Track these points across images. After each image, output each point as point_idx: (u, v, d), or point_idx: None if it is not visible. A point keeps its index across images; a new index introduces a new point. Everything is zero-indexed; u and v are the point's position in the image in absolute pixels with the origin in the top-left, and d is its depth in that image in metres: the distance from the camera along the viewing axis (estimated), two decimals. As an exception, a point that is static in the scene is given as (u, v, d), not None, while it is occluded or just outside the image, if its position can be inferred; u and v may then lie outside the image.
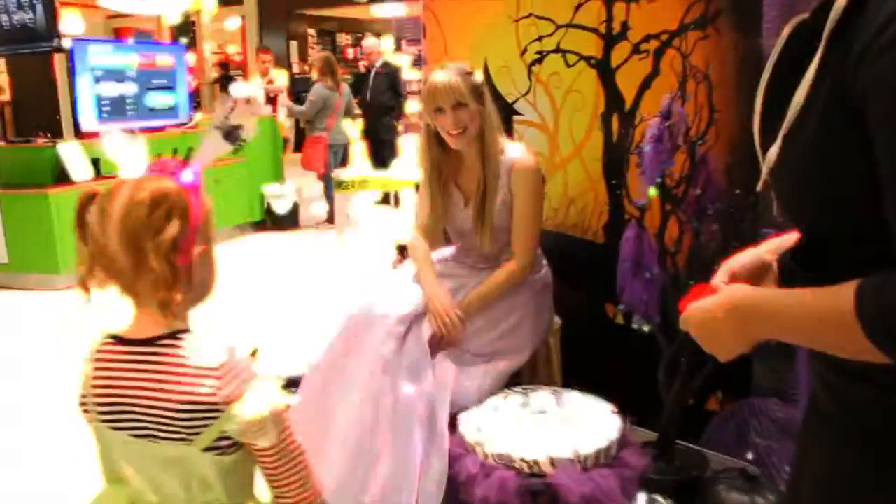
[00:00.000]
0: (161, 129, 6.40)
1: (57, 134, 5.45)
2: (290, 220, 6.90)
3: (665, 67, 2.33)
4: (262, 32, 14.60)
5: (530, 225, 2.33)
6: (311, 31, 14.38)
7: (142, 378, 1.15)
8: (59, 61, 5.34)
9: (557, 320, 2.58)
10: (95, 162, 5.54)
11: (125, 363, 1.17)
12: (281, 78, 7.61)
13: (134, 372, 1.15)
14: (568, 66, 2.60)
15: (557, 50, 2.62)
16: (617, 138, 2.50)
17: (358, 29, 14.82)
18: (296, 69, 13.02)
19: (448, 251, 2.58)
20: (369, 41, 7.59)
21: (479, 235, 2.33)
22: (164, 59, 6.41)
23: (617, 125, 2.50)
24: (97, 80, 5.77)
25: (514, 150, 2.34)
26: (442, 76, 2.20)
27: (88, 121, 5.71)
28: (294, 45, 14.05)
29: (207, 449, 1.12)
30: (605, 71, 2.50)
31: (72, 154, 5.34)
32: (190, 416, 1.11)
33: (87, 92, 5.70)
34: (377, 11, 11.38)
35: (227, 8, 14.49)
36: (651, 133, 1.99)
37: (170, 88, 6.47)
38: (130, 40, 7.09)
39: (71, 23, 5.50)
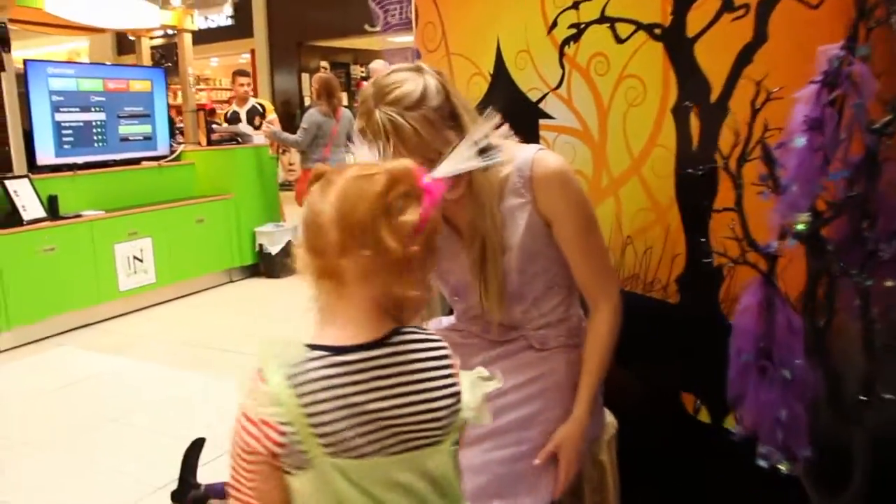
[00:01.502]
0: (135, 162, 5.62)
1: (5, 168, 4.68)
2: (284, 264, 6.03)
3: (778, 28, 1.47)
4: (273, 65, 14.09)
5: (595, 251, 1.54)
6: (325, 64, 13.80)
7: (392, 384, 0.95)
8: (6, 83, 4.58)
9: (611, 421, 1.70)
10: (52, 200, 4.78)
11: (362, 372, 0.94)
12: (252, 103, 6.82)
13: (378, 380, 0.95)
14: (619, 41, 1.75)
15: (602, 19, 1.78)
16: (698, 143, 1.63)
17: (373, 60, 14.20)
18: (308, 102, 12.41)
19: (445, 321, 1.74)
20: (376, 63, 6.81)
21: (485, 299, 1.50)
22: (139, 84, 5.65)
23: (698, 125, 1.64)
24: (57, 106, 5.01)
25: (527, 151, 1.52)
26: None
27: (45, 153, 4.95)
28: (306, 77, 13.46)
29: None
30: (678, 43, 1.64)
31: (23, 192, 4.58)
32: (451, 409, 1.00)
33: (45, 120, 4.94)
34: (394, 40, 10.67)
35: (237, 41, 14.21)
36: (800, 118, 1.10)
37: (146, 116, 5.71)
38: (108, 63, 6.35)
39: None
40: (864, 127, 1.06)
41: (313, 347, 0.94)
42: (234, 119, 6.66)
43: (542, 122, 1.95)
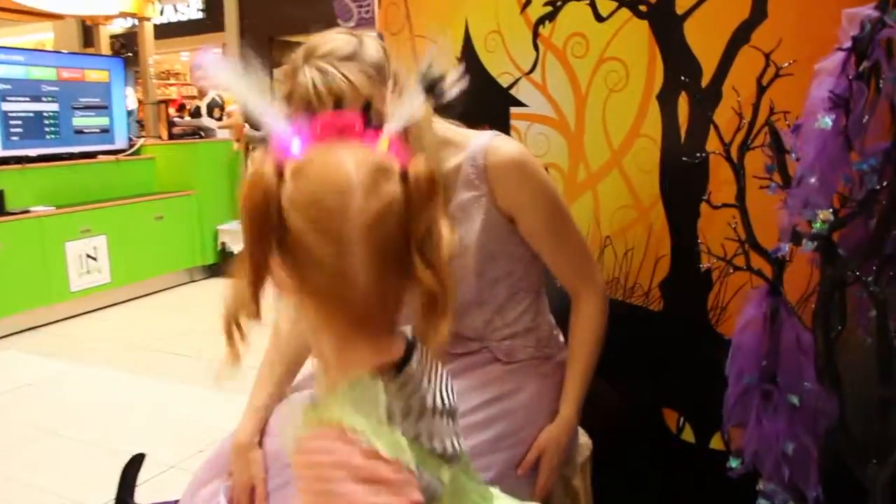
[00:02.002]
0: (91, 156, 5.36)
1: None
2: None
3: (779, 4, 1.30)
4: (244, 61, 13.77)
5: (571, 239, 1.38)
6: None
7: (437, 377, 0.85)
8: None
9: (585, 441, 1.52)
10: (-1, 195, 4.52)
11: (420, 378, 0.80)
12: (212, 95, 6.57)
13: (433, 377, 0.84)
14: (599, 19, 1.58)
15: (581, -5, 1.60)
16: (687, 134, 1.46)
17: (346, 57, 13.93)
18: (279, 99, 12.16)
19: None
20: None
21: None
22: (95, 74, 5.39)
23: (687, 112, 1.46)
24: (4, 95, 4.74)
25: (481, 138, 1.35)
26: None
27: (-9, 144, 4.69)
28: (278, 74, 13.17)
29: None
30: (665, 22, 1.47)
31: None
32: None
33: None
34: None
35: (207, 35, 13.92)
36: (823, 93, 0.91)
37: (103, 108, 5.45)
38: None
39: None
40: (893, 106, 0.88)
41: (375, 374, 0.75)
42: (196, 114, 6.41)
43: (513, 110, 1.77)
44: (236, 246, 5.83)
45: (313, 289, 0.75)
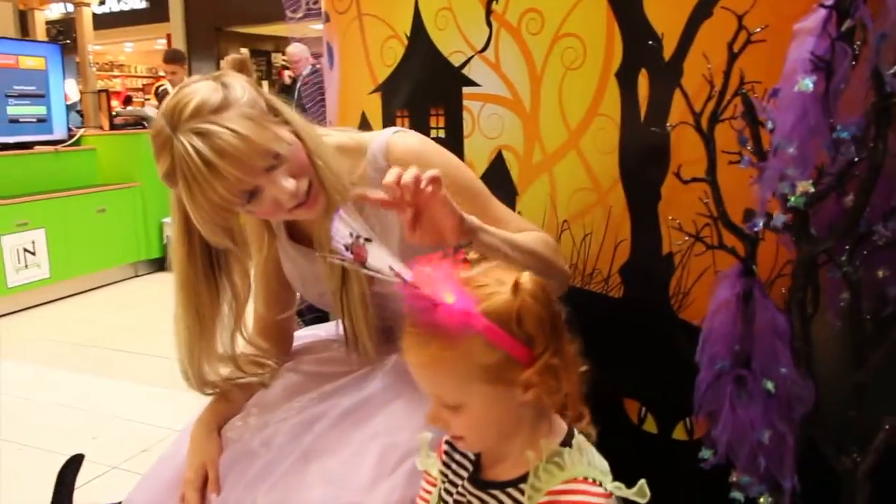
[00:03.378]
0: (28, 146, 5.14)
1: None
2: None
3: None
4: (190, 52, 13.46)
5: (497, 209, 1.32)
6: (244, 50, 13.27)
7: None
8: None
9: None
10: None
11: None
12: (166, 85, 6.37)
13: None
14: (555, -7, 1.51)
15: (536, -32, 1.53)
16: (647, 112, 1.40)
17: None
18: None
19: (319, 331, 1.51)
20: (293, 47, 6.42)
21: (352, 341, 1.32)
22: (30, 60, 5.16)
23: (646, 89, 1.40)
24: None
25: (380, 136, 1.29)
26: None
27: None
28: (224, 66, 12.91)
29: None
30: (623, -5, 1.41)
31: None
32: None
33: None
34: (316, 27, 10.25)
35: (151, 26, 13.57)
36: (803, 54, 0.85)
37: (39, 97, 5.22)
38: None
39: None
40: (877, 70, 0.82)
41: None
42: (163, 96, 6.20)
43: (465, 90, 1.69)
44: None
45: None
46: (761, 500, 1.02)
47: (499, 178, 1.66)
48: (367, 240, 0.90)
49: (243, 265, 1.32)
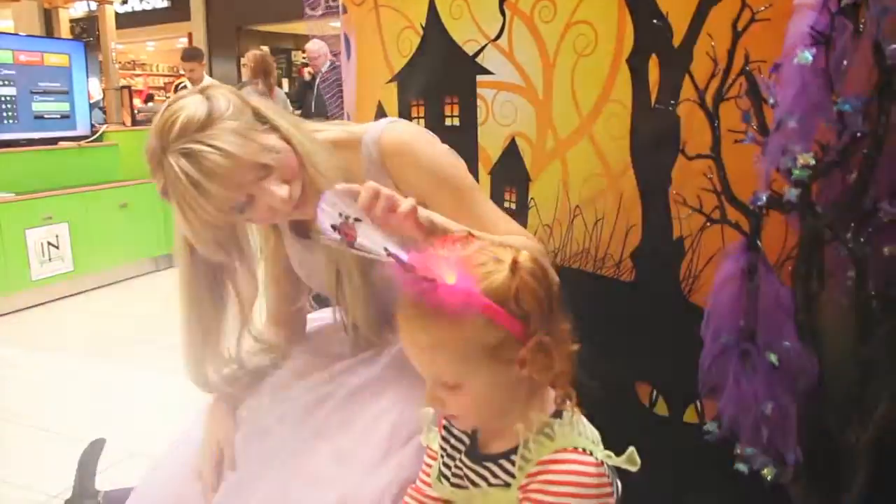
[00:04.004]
0: (52, 142, 5.22)
1: None
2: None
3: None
4: (211, 51, 13.58)
5: (491, 213, 1.30)
6: (265, 48, 13.37)
7: None
8: None
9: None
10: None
11: None
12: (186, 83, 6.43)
13: None
14: (567, -19, 1.53)
15: (548, -44, 1.55)
16: (657, 96, 1.42)
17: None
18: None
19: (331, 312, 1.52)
20: (312, 44, 6.48)
21: (351, 331, 1.34)
22: (55, 58, 5.24)
23: (657, 75, 1.42)
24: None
25: (375, 127, 1.29)
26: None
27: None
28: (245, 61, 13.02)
29: None
30: (635, -18, 1.43)
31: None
32: None
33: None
34: (335, 25, 10.26)
35: (173, 25, 13.69)
36: (803, 28, 0.86)
37: (63, 93, 5.30)
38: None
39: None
40: (878, 44, 0.83)
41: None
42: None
43: (479, 78, 1.71)
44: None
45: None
46: (765, 472, 1.04)
47: (512, 165, 1.69)
48: (357, 220, 0.91)
49: (249, 268, 1.34)
